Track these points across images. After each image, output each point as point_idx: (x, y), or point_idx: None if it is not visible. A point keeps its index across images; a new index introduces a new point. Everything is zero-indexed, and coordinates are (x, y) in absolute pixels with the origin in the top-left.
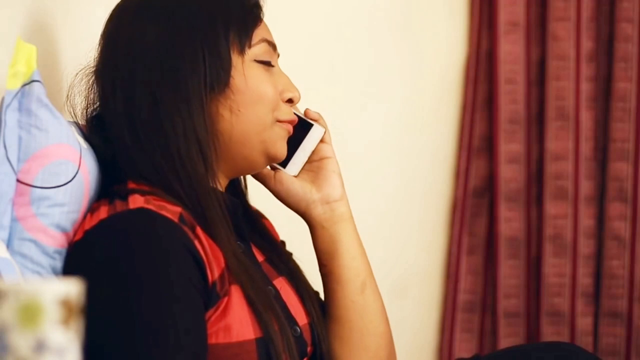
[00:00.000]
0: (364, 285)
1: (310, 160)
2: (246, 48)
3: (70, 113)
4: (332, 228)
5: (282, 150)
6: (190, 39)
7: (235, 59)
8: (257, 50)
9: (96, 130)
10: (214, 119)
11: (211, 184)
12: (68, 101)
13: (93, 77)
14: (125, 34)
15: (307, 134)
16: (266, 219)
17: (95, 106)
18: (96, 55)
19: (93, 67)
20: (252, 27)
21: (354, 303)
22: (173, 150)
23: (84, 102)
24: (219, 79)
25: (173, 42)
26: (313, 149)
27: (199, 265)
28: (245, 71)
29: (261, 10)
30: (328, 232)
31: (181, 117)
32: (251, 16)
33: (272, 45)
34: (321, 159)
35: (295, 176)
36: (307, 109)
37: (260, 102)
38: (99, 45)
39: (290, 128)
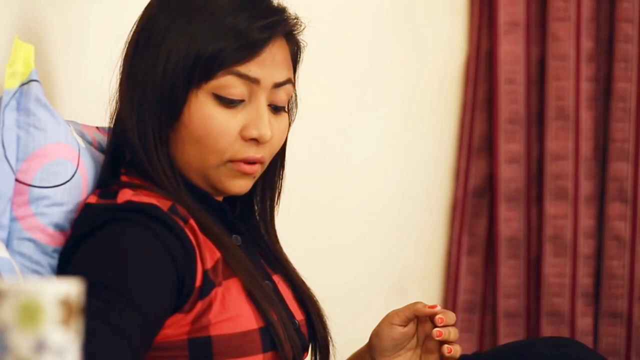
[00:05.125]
0: None
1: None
2: (203, 83)
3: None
4: None
5: (234, 188)
6: (175, 65)
7: (192, 92)
8: (217, 83)
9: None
10: (170, 142)
11: (188, 181)
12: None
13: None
14: (152, 25)
15: None
16: None
17: None
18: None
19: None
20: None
21: None
22: (146, 155)
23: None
24: (171, 113)
25: (168, 59)
26: None
27: (186, 250)
28: (192, 106)
29: (265, 46)
30: None
31: (152, 128)
32: (245, 53)
33: (251, 80)
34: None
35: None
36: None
37: (201, 141)
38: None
39: (245, 167)
